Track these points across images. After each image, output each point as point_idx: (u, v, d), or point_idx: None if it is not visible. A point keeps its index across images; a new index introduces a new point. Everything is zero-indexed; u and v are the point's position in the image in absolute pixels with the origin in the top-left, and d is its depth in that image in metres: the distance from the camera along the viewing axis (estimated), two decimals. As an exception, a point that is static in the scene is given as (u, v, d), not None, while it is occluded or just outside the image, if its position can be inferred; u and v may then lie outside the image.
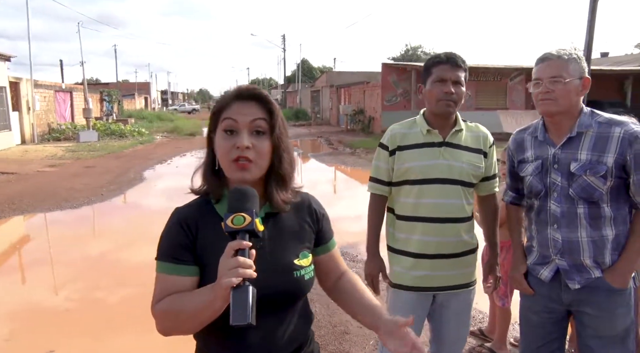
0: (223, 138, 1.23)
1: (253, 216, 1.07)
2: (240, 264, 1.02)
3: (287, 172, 1.29)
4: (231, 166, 1.22)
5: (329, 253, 1.40)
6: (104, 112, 31.69)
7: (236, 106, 1.25)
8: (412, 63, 25.48)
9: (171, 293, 1.20)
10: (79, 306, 4.55)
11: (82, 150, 17.37)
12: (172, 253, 1.23)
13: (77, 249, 6.43)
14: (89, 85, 29.32)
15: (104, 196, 9.58)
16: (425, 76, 2.16)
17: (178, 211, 1.30)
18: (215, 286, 1.07)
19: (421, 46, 64.06)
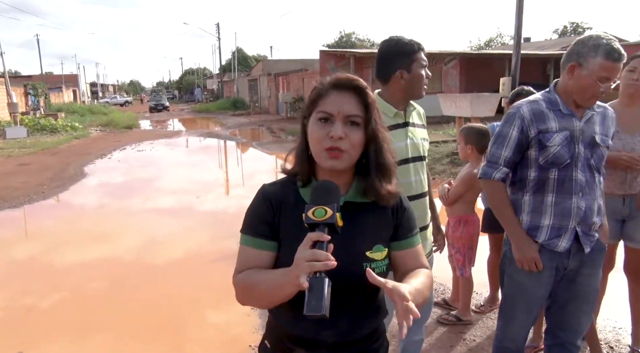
0: (317, 125, 1.25)
1: (335, 210, 1.10)
2: (317, 257, 1.05)
3: (390, 161, 1.31)
4: (322, 154, 1.24)
5: (405, 250, 1.35)
6: (30, 106, 29.95)
7: (332, 97, 1.26)
8: (350, 50, 25.80)
9: (251, 266, 1.27)
10: (9, 314, 4.37)
11: (11, 147, 16.41)
12: (255, 227, 1.30)
13: (22, 250, 6.20)
14: (10, 78, 27.56)
15: (45, 194, 9.18)
16: (407, 61, 2.23)
17: (264, 187, 1.35)
18: (288, 273, 1.11)
19: (355, 33, 64.73)
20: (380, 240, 1.31)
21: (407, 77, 2.23)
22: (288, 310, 1.28)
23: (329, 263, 1.05)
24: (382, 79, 2.31)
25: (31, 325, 4.03)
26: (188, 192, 9.42)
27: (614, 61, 2.00)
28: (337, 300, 1.15)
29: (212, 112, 37.63)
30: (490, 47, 47.31)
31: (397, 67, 2.23)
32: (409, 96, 2.29)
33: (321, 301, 1.02)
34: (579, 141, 2.13)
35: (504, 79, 11.35)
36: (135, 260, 5.60)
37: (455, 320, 3.56)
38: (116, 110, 38.47)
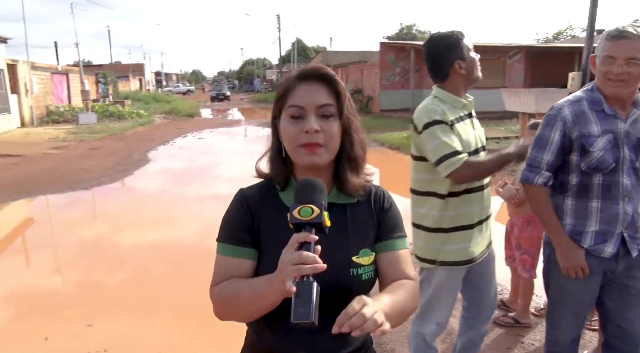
0: (289, 122, 1.17)
1: (322, 208, 1.01)
2: (304, 259, 0.96)
3: (359, 154, 1.23)
4: (300, 151, 1.16)
5: (387, 253, 1.23)
6: (100, 94, 31.48)
7: (301, 90, 1.18)
8: (411, 42, 25.37)
9: (230, 276, 1.17)
10: (76, 290, 4.65)
11: (83, 132, 17.35)
12: (233, 235, 1.21)
13: (92, 230, 6.55)
14: (83, 67, 29.09)
15: (112, 178, 9.66)
16: (459, 51, 2.25)
17: (242, 192, 1.27)
18: (273, 279, 1.02)
19: (415, 25, 63.64)
20: (367, 243, 1.22)
21: (464, 66, 2.26)
22: (270, 325, 1.20)
23: (317, 266, 0.96)
24: (440, 77, 2.30)
25: (98, 301, 4.27)
26: (245, 181, 9.60)
27: (613, 39, 1.91)
28: (323, 312, 1.00)
29: (270, 102, 37.58)
30: (559, 40, 45.20)
31: (454, 60, 2.25)
32: (470, 82, 2.31)
33: (309, 307, 0.92)
34: (624, 144, 2.00)
35: (574, 74, 10.80)
36: (194, 245, 5.79)
37: (513, 322, 3.45)
38: (179, 98, 39.79)
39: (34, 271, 5.18)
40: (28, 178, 9.43)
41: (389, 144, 13.35)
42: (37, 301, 4.30)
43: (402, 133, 14.31)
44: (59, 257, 5.55)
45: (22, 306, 4.21)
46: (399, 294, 1.15)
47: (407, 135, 13.65)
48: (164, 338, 3.57)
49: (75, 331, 3.68)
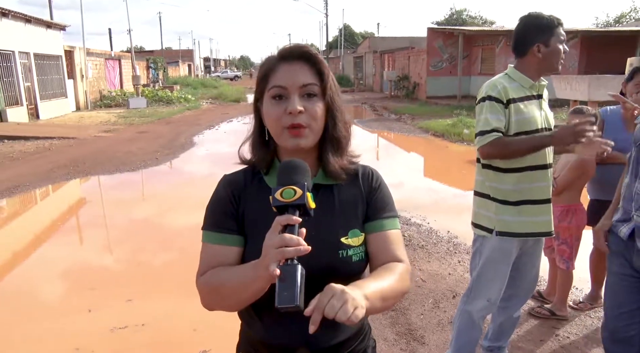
0: (272, 104, 1.13)
1: (304, 189, 0.98)
2: (287, 242, 0.92)
3: (342, 134, 1.19)
4: (284, 133, 1.13)
5: (376, 234, 1.19)
6: (150, 79, 32.39)
7: (283, 70, 1.14)
8: (459, 27, 24.75)
9: (215, 264, 1.15)
10: (120, 267, 4.85)
11: (133, 116, 17.92)
12: (217, 222, 1.19)
13: (139, 211, 6.79)
14: (135, 53, 29.99)
15: (159, 160, 9.95)
16: (546, 35, 2.27)
17: (225, 178, 1.25)
18: (258, 265, 0.99)
19: (466, 9, 61.91)
20: (356, 223, 1.19)
21: (544, 51, 2.29)
22: (260, 315, 1.19)
23: (300, 248, 0.92)
24: (519, 53, 2.36)
25: (140, 278, 4.44)
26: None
27: None
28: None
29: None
30: (621, 23, 42.86)
31: (536, 41, 2.30)
32: (545, 69, 2.34)
33: (294, 291, 0.89)
34: None
35: (632, 59, 10.26)
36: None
37: (549, 314, 3.36)
38: (226, 84, 40.39)
39: (84, 248, 5.44)
40: (80, 159, 9.84)
41: (433, 131, 13.13)
42: (84, 276, 4.52)
43: (447, 120, 14.06)
44: (107, 235, 5.79)
45: (70, 281, 4.43)
46: (384, 278, 1.10)
47: (452, 122, 13.38)
48: (199, 315, 3.68)
49: (116, 305, 3.84)
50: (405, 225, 5.52)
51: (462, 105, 18.02)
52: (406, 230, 5.36)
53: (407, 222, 5.65)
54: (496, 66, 21.09)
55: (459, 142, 11.75)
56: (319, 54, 1.17)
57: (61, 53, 19.14)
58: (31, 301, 4.02)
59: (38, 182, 8.01)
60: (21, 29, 15.98)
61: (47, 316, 3.74)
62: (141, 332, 3.44)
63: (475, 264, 2.51)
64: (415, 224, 5.57)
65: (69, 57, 20.27)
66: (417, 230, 5.34)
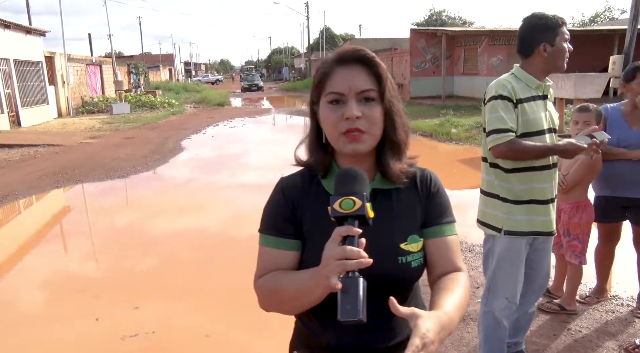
0: (329, 109, 1.12)
1: (364, 200, 0.96)
2: (348, 254, 0.91)
3: (402, 139, 1.17)
4: (341, 138, 1.11)
5: (437, 239, 1.18)
6: (132, 84, 32.04)
7: (339, 75, 1.12)
8: (442, 28, 24.97)
9: (273, 268, 1.15)
10: (121, 274, 4.81)
11: (117, 122, 17.70)
12: (275, 225, 1.18)
13: (134, 218, 6.71)
14: (115, 58, 29.62)
15: (149, 166, 9.85)
16: (551, 35, 2.30)
17: (282, 181, 1.24)
18: (317, 274, 0.99)
19: (445, 11, 62.43)
20: (414, 228, 1.17)
21: (550, 51, 2.32)
22: (318, 317, 1.18)
23: (362, 261, 0.91)
24: (524, 53, 2.39)
25: (142, 284, 4.40)
26: (277, 169, 9.67)
27: None
28: (373, 301, 1.00)
29: (299, 91, 38.16)
30: (596, 23, 43.74)
31: (541, 41, 2.32)
32: (550, 69, 2.36)
33: (357, 304, 0.88)
34: None
35: (615, 58, 10.49)
36: (238, 232, 5.88)
37: (558, 308, 3.41)
38: (208, 88, 40.14)
39: (84, 255, 5.35)
40: (68, 166, 9.69)
41: (421, 131, 13.22)
42: (85, 284, 4.45)
43: (434, 120, 14.18)
44: (106, 243, 5.70)
45: (73, 289, 4.35)
46: (458, 293, 1.09)
47: (440, 122, 13.50)
48: (209, 321, 3.66)
49: (124, 313, 3.79)
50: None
51: (447, 105, 18.18)
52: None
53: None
54: (479, 66, 21.34)
55: (447, 141, 11.86)
56: (376, 57, 1.15)
57: (41, 59, 18.83)
58: (37, 310, 3.96)
59: (28, 190, 7.87)
60: (0, 35, 15.69)
61: (54, 325, 3.68)
62: (153, 340, 3.41)
63: (488, 265, 2.54)
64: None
65: (50, 63, 19.95)
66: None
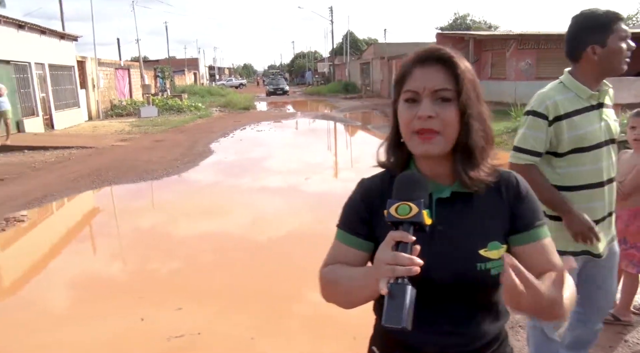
0: (404, 107, 1.12)
1: (420, 206, 0.95)
2: (399, 260, 0.92)
3: (477, 144, 1.11)
4: (413, 138, 1.10)
5: (528, 245, 1.14)
6: (158, 88, 32.53)
7: (418, 74, 1.11)
8: (470, 32, 24.78)
9: (338, 261, 1.19)
10: (163, 275, 4.84)
11: (146, 125, 17.96)
12: (348, 223, 1.21)
13: (174, 218, 6.78)
14: (143, 62, 30.14)
15: (179, 169, 9.94)
16: (601, 35, 2.06)
17: (362, 182, 1.26)
18: (368, 274, 1.02)
19: (470, 14, 61.84)
20: (496, 235, 1.13)
21: (600, 53, 2.06)
22: None
23: (412, 269, 0.91)
24: (572, 57, 2.15)
25: (184, 285, 4.42)
26: (299, 172, 9.68)
27: None
28: (452, 307, 1.07)
29: (323, 95, 38.26)
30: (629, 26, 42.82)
31: (589, 43, 2.07)
32: (605, 72, 2.12)
33: (401, 312, 0.88)
34: None
35: (653, 62, 10.21)
36: (280, 234, 5.90)
37: (612, 319, 3.31)
38: (232, 92, 40.49)
39: (126, 255, 5.42)
40: (102, 168, 9.85)
41: (450, 136, 13.08)
42: (131, 284, 4.51)
43: (463, 124, 14.01)
44: (148, 243, 5.76)
45: (118, 289, 4.41)
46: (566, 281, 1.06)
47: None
48: (253, 323, 3.65)
49: (167, 314, 3.82)
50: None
51: (474, 110, 17.99)
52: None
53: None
54: (507, 70, 21.07)
55: (478, 147, 11.69)
56: (455, 57, 1.12)
57: (74, 63, 19.24)
58: (85, 309, 4.00)
59: (65, 191, 8.01)
60: (36, 41, 16.08)
61: (102, 324, 3.71)
62: (198, 341, 3.42)
63: None
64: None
65: (81, 67, 20.36)
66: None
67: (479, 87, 1.14)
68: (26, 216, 6.63)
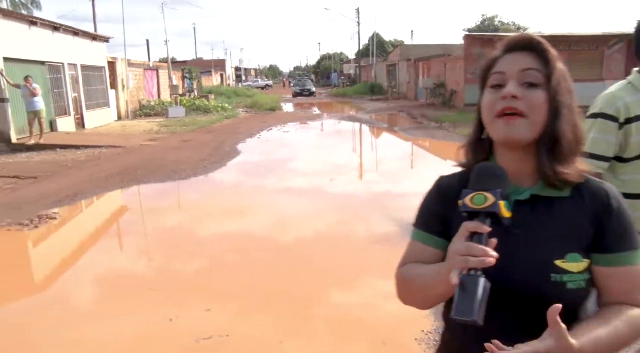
0: (489, 92, 1.06)
1: (497, 196, 0.91)
2: (472, 251, 0.88)
3: (565, 135, 1.03)
4: (495, 122, 1.03)
5: (611, 268, 1.02)
6: (186, 88, 32.91)
7: (506, 59, 1.07)
8: (499, 33, 24.41)
9: (414, 260, 1.15)
10: (192, 275, 4.86)
11: (174, 125, 18.17)
12: (425, 222, 1.17)
13: (203, 218, 6.82)
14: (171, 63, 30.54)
15: (207, 169, 10.00)
16: None
17: (440, 179, 1.21)
18: (441, 267, 0.98)
19: (498, 16, 61.06)
20: (577, 246, 1.03)
21: None
22: (467, 329, 1.10)
23: (486, 259, 0.87)
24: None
25: (213, 286, 4.43)
26: (324, 173, 9.64)
27: None
28: (522, 319, 1.00)
29: (349, 97, 38.15)
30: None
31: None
32: None
33: (473, 304, 0.84)
34: None
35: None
36: (320, 234, 5.87)
37: None
38: (258, 93, 40.74)
39: (154, 255, 5.46)
40: (131, 167, 9.99)
41: (479, 139, 12.88)
42: (159, 283, 4.53)
43: (492, 127, 13.78)
44: (176, 243, 5.80)
45: (146, 287, 4.44)
46: (612, 327, 0.96)
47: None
48: (281, 326, 3.62)
49: (196, 314, 3.82)
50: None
51: (503, 112, 17.68)
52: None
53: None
54: (537, 72, 20.65)
55: (507, 150, 11.48)
56: (546, 44, 1.06)
57: (105, 64, 19.60)
58: (113, 308, 4.03)
59: (95, 190, 8.13)
60: (70, 42, 16.43)
61: (130, 322, 3.74)
62: (227, 343, 3.41)
63: None
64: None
65: (111, 68, 20.72)
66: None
67: (570, 79, 1.07)
68: (58, 213, 6.75)
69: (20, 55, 13.17)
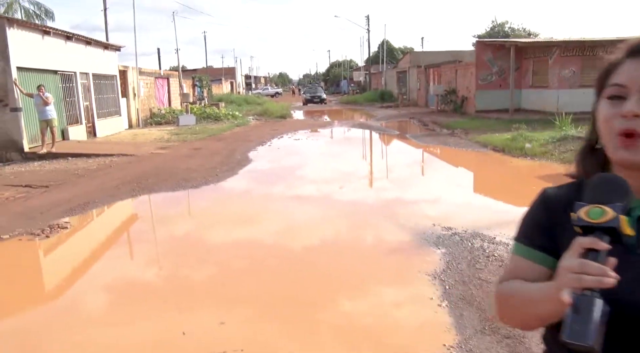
0: (606, 104, 0.96)
1: (618, 211, 0.81)
2: (587, 269, 0.78)
3: None
4: (613, 142, 0.93)
5: None
6: (196, 96, 33.04)
7: (628, 66, 0.95)
8: (511, 39, 24.28)
9: (516, 277, 1.04)
10: (207, 287, 4.77)
11: (184, 133, 18.18)
12: (529, 236, 1.06)
13: (214, 228, 6.75)
14: (181, 71, 30.72)
15: (219, 177, 9.94)
16: None
17: (545, 191, 1.10)
18: (548, 286, 0.88)
19: (508, 22, 60.73)
20: None
21: None
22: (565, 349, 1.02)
23: (603, 279, 0.77)
24: None
25: (228, 299, 4.34)
26: (334, 180, 9.55)
27: None
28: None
29: (359, 104, 38.10)
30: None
31: None
32: None
33: (587, 327, 0.74)
34: None
35: None
36: (340, 244, 5.78)
37: None
38: (268, 100, 40.81)
39: (165, 266, 5.39)
40: (142, 176, 9.96)
41: (492, 145, 12.74)
42: (171, 296, 4.44)
43: (505, 134, 13.63)
44: (184, 251, 5.73)
45: (158, 300, 4.35)
46: None
47: (512, 136, 12.96)
48: (297, 342, 3.53)
49: (210, 328, 3.72)
50: (491, 244, 5.26)
51: (515, 119, 17.47)
52: (494, 249, 5.10)
53: (492, 241, 5.39)
54: (549, 78, 20.46)
55: (521, 157, 11.33)
56: None
57: (116, 73, 19.72)
58: (124, 317, 3.96)
59: (106, 199, 8.10)
60: (82, 51, 16.54)
61: (142, 338, 3.66)
62: (241, 358, 3.31)
63: None
64: (502, 243, 5.29)
65: (123, 76, 20.84)
66: (506, 250, 5.06)
67: None
68: (69, 223, 6.72)
69: (33, 64, 13.26)
